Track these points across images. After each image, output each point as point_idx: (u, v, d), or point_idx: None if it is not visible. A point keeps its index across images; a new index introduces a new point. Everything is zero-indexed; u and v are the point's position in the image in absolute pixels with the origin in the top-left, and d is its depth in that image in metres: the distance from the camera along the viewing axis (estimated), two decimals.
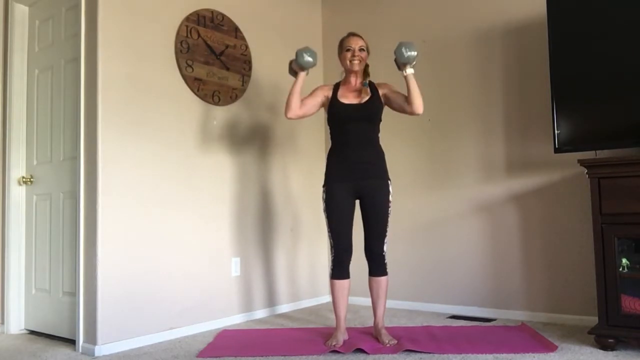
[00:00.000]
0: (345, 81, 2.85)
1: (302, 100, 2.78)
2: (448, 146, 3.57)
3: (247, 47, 3.57)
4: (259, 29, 3.68)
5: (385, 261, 2.79)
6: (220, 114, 3.37)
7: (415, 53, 2.63)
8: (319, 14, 4.26)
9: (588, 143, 2.70)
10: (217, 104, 3.34)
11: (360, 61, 2.78)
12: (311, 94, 2.85)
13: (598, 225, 2.54)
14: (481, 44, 3.46)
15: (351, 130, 2.75)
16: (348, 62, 2.78)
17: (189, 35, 3.19)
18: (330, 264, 2.82)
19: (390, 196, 2.77)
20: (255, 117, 3.61)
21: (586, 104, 2.71)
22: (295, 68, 2.75)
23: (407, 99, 2.70)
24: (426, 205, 3.66)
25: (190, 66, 3.18)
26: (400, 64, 2.69)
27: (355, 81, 2.82)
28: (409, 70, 2.67)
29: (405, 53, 2.63)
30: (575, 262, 3.04)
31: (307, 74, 2.79)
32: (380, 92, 2.82)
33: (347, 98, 2.79)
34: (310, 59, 2.69)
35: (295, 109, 2.75)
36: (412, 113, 2.72)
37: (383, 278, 2.79)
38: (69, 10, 3.09)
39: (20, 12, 3.37)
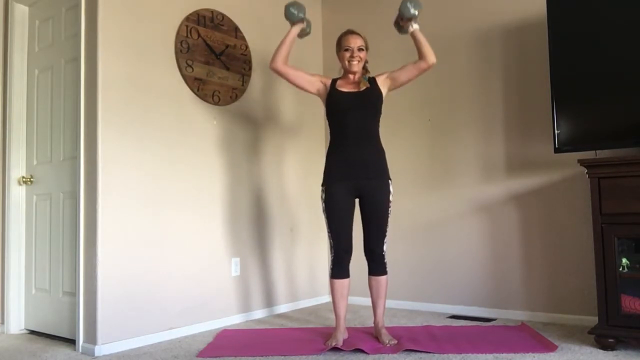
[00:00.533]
0: (343, 77, 2.85)
1: (297, 69, 2.82)
2: (448, 146, 3.57)
3: (247, 47, 3.57)
4: (259, 29, 3.68)
5: (385, 260, 2.79)
6: (220, 114, 3.37)
7: (419, 10, 2.63)
8: (319, 14, 4.26)
9: (588, 143, 2.70)
10: (217, 104, 3.34)
11: (359, 61, 2.77)
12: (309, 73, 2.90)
13: (598, 225, 2.54)
14: (481, 44, 3.46)
15: (350, 123, 2.72)
16: (346, 62, 2.77)
17: (189, 35, 3.19)
18: (330, 263, 2.82)
19: (390, 196, 2.76)
20: (255, 117, 3.61)
21: (586, 104, 2.71)
22: (289, 23, 2.80)
23: (419, 55, 2.70)
24: (426, 205, 3.66)
25: (190, 66, 3.18)
26: (405, 20, 2.68)
27: (353, 77, 2.81)
28: (415, 26, 2.67)
29: (411, 9, 2.63)
30: (575, 262, 3.04)
31: (306, 32, 2.82)
32: (380, 79, 2.80)
33: (346, 88, 2.79)
34: (294, 11, 2.74)
35: (279, 61, 2.75)
36: (428, 67, 2.71)
37: (383, 277, 2.78)
38: (69, 10, 3.09)
39: (20, 12, 3.37)
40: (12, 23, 3.33)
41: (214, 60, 3.33)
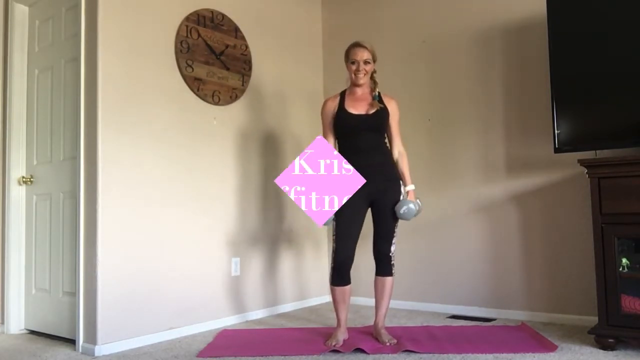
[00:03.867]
0: (350, 90, 2.85)
1: (328, 137, 2.83)
2: (448, 146, 3.57)
3: (247, 47, 3.57)
4: (259, 28, 3.68)
5: (393, 262, 2.78)
6: (220, 114, 3.37)
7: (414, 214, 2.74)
8: (319, 14, 4.26)
9: (588, 143, 2.70)
10: (217, 103, 3.34)
11: (365, 74, 2.78)
12: (324, 121, 2.86)
13: (598, 225, 2.54)
14: (481, 43, 3.46)
15: (359, 139, 2.75)
16: (353, 75, 2.78)
17: (189, 35, 3.19)
18: (330, 270, 2.78)
19: (401, 197, 2.77)
20: (255, 117, 3.61)
21: (586, 104, 2.71)
22: None
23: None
24: (426, 205, 3.63)
25: (190, 66, 3.18)
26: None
27: (361, 91, 2.82)
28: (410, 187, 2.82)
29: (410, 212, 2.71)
30: (575, 262, 3.04)
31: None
32: (390, 106, 2.81)
33: (355, 108, 2.78)
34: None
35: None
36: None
37: (389, 278, 2.78)
38: (69, 10, 3.09)
39: (20, 12, 3.37)
40: (12, 23, 3.33)
41: (214, 60, 3.33)
